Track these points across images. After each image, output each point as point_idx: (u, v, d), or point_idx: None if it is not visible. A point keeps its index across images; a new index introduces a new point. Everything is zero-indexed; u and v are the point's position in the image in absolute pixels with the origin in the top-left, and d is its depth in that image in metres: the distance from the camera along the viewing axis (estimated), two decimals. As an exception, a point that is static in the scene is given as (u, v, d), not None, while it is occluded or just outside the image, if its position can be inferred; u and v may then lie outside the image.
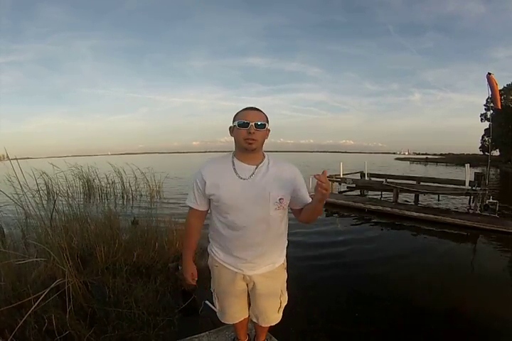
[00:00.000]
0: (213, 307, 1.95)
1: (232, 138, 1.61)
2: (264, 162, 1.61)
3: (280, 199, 1.57)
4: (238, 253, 1.65)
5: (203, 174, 1.59)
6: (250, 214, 1.56)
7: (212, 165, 1.64)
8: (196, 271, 1.79)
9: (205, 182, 1.58)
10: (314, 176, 1.34)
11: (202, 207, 1.69)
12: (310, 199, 1.62)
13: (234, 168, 1.58)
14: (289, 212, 1.74)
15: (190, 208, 1.72)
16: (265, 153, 1.66)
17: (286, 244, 1.82)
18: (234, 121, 1.55)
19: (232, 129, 1.58)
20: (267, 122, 1.56)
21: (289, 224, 1.78)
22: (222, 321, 1.94)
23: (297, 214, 1.69)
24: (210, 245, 1.79)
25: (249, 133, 1.49)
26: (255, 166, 1.58)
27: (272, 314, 1.87)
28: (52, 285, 2.62)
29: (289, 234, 1.81)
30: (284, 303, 1.89)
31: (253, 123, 1.49)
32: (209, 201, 1.65)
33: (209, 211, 1.74)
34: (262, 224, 1.59)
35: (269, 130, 1.60)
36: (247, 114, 1.53)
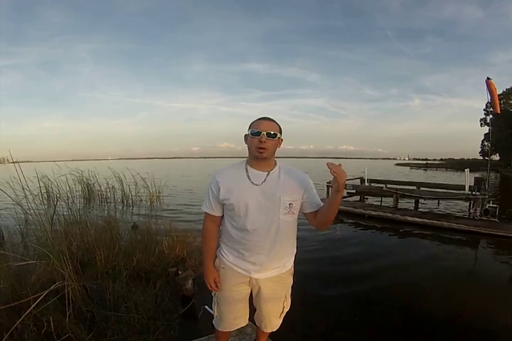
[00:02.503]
0: (212, 312, 1.94)
1: (246, 146, 1.66)
2: (275, 168, 1.67)
3: (290, 204, 1.62)
4: (248, 257, 1.68)
5: (218, 180, 1.65)
6: (261, 218, 1.61)
7: (226, 172, 1.70)
8: (218, 275, 1.78)
9: (220, 188, 1.63)
10: (327, 164, 1.44)
11: (217, 212, 1.73)
12: (321, 203, 1.70)
13: (247, 175, 1.64)
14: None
15: (206, 214, 1.77)
16: (277, 160, 1.72)
17: (295, 251, 1.84)
18: (248, 129, 1.62)
19: (246, 137, 1.65)
20: (280, 132, 1.63)
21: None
22: (219, 329, 1.92)
23: (311, 218, 1.71)
24: (220, 248, 1.81)
25: (260, 141, 1.55)
26: (267, 172, 1.64)
27: (275, 319, 1.89)
28: (51, 287, 2.61)
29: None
30: (287, 309, 1.91)
31: (265, 133, 1.55)
32: (223, 206, 1.70)
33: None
34: (272, 228, 1.63)
35: (281, 139, 1.66)
36: (260, 123, 1.59)
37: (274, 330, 1.97)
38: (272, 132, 1.57)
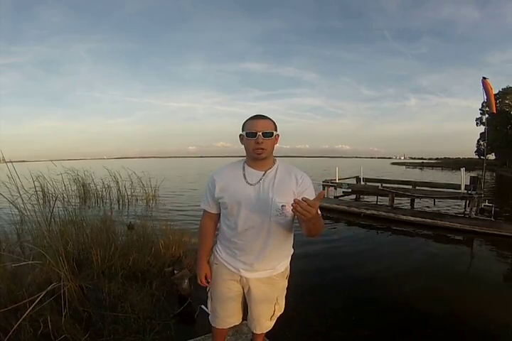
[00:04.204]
0: (208, 311, 1.95)
1: (243, 146, 1.64)
2: (273, 168, 1.65)
3: (282, 206, 1.56)
4: (238, 255, 1.68)
5: (215, 178, 1.67)
6: (252, 218, 1.59)
7: (224, 171, 1.70)
8: (210, 271, 1.80)
9: (215, 186, 1.64)
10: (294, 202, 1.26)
11: (214, 209, 1.76)
12: None
13: (244, 174, 1.63)
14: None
15: (204, 211, 1.81)
16: (276, 159, 1.70)
17: (290, 253, 1.81)
18: (242, 130, 1.59)
19: (241, 138, 1.62)
20: (275, 129, 1.60)
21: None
22: (213, 325, 1.92)
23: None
24: (216, 245, 1.83)
25: (257, 143, 1.53)
26: (264, 172, 1.62)
27: (265, 321, 1.87)
28: (48, 288, 2.61)
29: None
30: (279, 312, 1.89)
31: (261, 133, 1.52)
32: (219, 204, 1.70)
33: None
34: (263, 228, 1.61)
35: (278, 135, 1.62)
36: (254, 123, 1.55)
37: (264, 332, 1.96)
38: (268, 131, 1.53)
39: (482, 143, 49.20)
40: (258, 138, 1.52)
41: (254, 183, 1.59)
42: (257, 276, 1.71)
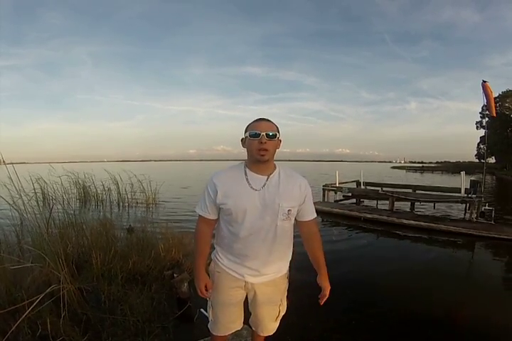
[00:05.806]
0: (208, 316, 1.93)
1: (245, 150, 1.63)
2: (275, 172, 1.63)
3: (289, 210, 1.58)
4: (243, 261, 1.66)
5: (216, 183, 1.60)
6: (258, 223, 1.58)
7: (224, 175, 1.65)
8: (209, 281, 1.73)
9: (217, 192, 1.58)
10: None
11: (212, 215, 1.68)
12: (311, 214, 1.71)
13: (247, 179, 1.59)
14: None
15: (200, 216, 1.71)
16: (276, 164, 1.68)
17: (290, 255, 1.81)
18: (246, 132, 1.58)
19: (244, 140, 1.61)
20: (278, 132, 1.59)
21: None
22: (214, 333, 1.88)
23: (300, 226, 1.73)
24: (215, 251, 1.79)
25: (260, 143, 1.52)
26: (267, 176, 1.60)
27: (270, 322, 1.86)
28: (47, 290, 2.60)
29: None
30: (283, 313, 1.88)
31: (264, 133, 1.51)
32: (219, 210, 1.65)
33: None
34: (269, 233, 1.60)
35: (280, 140, 1.63)
36: (258, 125, 1.56)
37: (271, 334, 1.94)
38: (271, 133, 1.53)
39: (482, 146, 49.30)
40: (262, 138, 1.51)
41: (258, 189, 1.57)
42: (262, 280, 1.70)
